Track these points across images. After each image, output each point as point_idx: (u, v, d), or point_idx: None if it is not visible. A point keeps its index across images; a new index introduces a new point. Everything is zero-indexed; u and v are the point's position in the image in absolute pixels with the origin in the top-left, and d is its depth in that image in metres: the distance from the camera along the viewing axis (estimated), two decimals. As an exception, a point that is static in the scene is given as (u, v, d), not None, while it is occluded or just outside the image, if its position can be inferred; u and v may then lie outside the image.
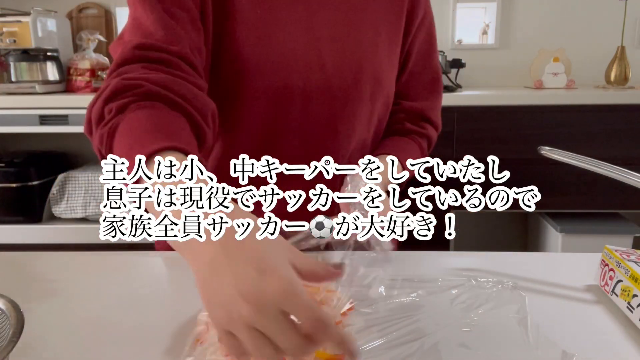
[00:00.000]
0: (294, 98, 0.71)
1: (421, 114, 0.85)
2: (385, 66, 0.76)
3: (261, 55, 0.68)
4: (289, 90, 0.70)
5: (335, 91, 0.72)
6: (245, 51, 0.67)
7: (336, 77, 0.71)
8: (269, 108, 0.71)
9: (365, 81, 0.73)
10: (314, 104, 0.72)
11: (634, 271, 0.53)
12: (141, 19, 0.59)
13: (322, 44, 0.70)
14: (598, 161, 0.59)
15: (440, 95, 0.88)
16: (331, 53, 0.71)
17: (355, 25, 0.72)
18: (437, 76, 0.86)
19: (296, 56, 0.69)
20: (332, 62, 0.71)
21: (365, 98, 0.74)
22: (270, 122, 0.72)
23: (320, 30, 0.70)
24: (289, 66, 0.69)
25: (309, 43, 0.70)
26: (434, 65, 0.85)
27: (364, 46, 0.73)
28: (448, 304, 0.57)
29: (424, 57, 0.83)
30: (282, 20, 0.69)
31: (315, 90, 0.71)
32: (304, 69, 0.70)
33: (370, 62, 0.73)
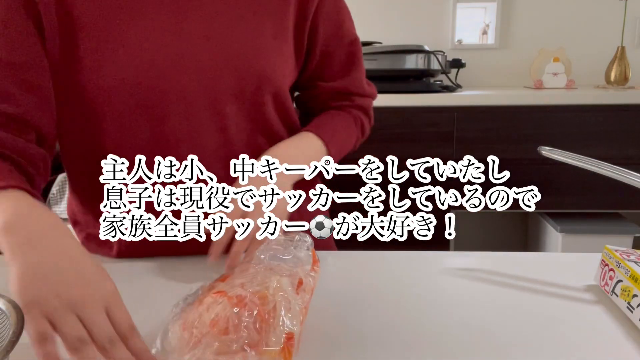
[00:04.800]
0: (170, 105, 0.67)
1: (343, 91, 0.82)
2: (272, 59, 0.72)
3: (123, 68, 0.64)
4: (165, 98, 0.67)
5: (216, 91, 0.69)
6: (105, 69, 0.64)
7: (215, 75, 0.68)
8: (142, 121, 0.67)
9: (249, 76, 0.70)
10: (195, 107, 0.68)
11: (634, 271, 0.53)
12: None
13: (195, 45, 0.67)
14: (598, 161, 0.59)
15: (360, 65, 0.83)
16: (207, 53, 0.68)
17: (232, 22, 0.69)
18: (353, 49, 0.81)
19: (167, 62, 0.66)
20: (209, 62, 0.68)
21: (249, 93, 0.71)
22: (149, 135, 0.68)
23: (192, 32, 0.67)
24: (160, 74, 0.66)
25: (180, 47, 0.66)
26: (347, 38, 0.80)
27: (243, 41, 0.70)
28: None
29: (334, 35, 0.79)
30: (141, 30, 0.65)
31: (194, 92, 0.68)
32: (178, 73, 0.66)
33: (253, 56, 0.70)
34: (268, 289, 0.46)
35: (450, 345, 0.49)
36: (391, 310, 0.56)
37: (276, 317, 0.44)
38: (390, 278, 0.65)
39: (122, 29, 0.64)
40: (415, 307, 0.57)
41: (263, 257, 0.54)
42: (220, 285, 0.48)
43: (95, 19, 0.64)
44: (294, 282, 0.49)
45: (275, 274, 0.49)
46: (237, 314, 0.43)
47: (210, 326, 0.43)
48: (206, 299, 0.46)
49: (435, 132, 1.86)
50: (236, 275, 0.51)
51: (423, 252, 0.73)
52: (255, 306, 0.44)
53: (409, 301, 0.58)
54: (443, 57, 2.01)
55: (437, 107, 1.84)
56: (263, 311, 0.44)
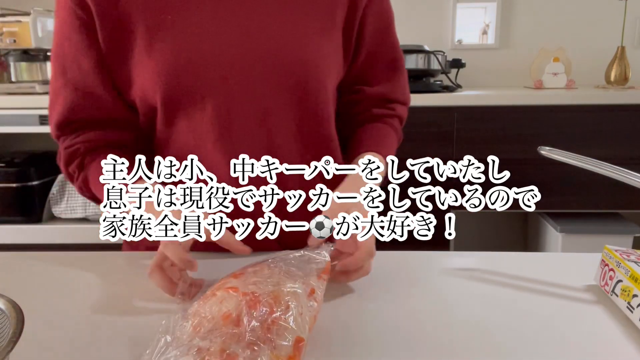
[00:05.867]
0: (209, 96, 0.69)
1: (386, 98, 0.82)
2: (315, 53, 0.72)
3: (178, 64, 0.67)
4: (205, 88, 0.68)
5: (255, 84, 0.69)
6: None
7: (254, 68, 0.69)
8: (181, 115, 0.70)
9: (288, 70, 0.70)
10: (234, 100, 0.69)
11: (634, 271, 0.53)
12: (56, 92, 0.73)
13: (237, 37, 0.68)
14: (598, 161, 0.59)
15: (402, 73, 0.85)
16: (248, 45, 0.68)
17: (276, 16, 0.70)
18: (396, 55, 0.83)
19: (208, 54, 0.68)
20: (249, 55, 0.68)
21: (288, 87, 0.71)
22: (193, 127, 0.71)
23: (236, 26, 0.68)
24: (202, 65, 0.67)
25: (222, 39, 0.68)
26: (391, 43, 0.82)
27: (285, 35, 0.70)
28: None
29: (379, 38, 0.79)
30: (188, 23, 0.67)
31: (234, 85, 0.69)
32: (219, 65, 0.68)
33: (294, 50, 0.70)
34: (282, 291, 0.47)
35: (450, 345, 0.49)
36: (391, 310, 0.56)
37: (287, 319, 0.44)
38: (391, 278, 0.65)
39: (172, 22, 0.67)
40: (415, 307, 0.57)
41: (279, 262, 0.54)
42: (233, 282, 0.49)
43: (146, 14, 0.67)
44: (306, 289, 0.49)
45: (290, 278, 0.50)
46: (249, 310, 0.43)
47: (222, 318, 0.43)
48: (219, 293, 0.46)
49: (435, 132, 1.86)
50: (250, 274, 0.51)
51: (423, 252, 0.73)
52: (268, 305, 0.44)
53: (409, 301, 0.58)
54: (443, 57, 2.01)
55: (437, 107, 1.84)
56: (275, 311, 0.44)
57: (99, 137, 0.73)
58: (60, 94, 0.72)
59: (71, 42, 0.69)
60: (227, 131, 0.70)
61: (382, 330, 0.52)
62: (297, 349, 0.42)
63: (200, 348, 0.40)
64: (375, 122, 0.82)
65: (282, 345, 0.42)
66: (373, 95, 0.82)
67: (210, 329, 0.42)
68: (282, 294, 0.46)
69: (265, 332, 0.42)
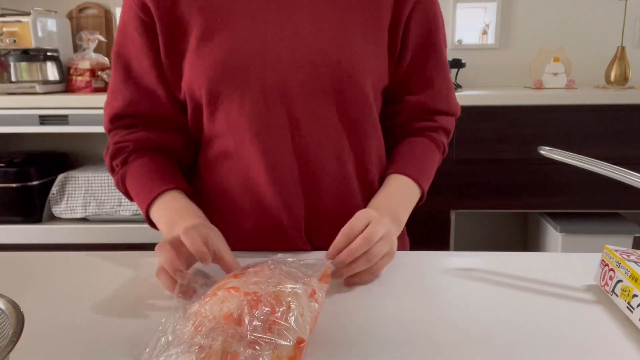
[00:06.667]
0: (248, 95, 0.70)
1: (426, 107, 0.80)
2: (355, 57, 0.71)
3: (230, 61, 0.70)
4: (245, 88, 0.70)
5: (290, 86, 0.70)
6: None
7: (291, 70, 0.69)
8: (220, 115, 0.73)
9: (325, 73, 0.70)
10: (270, 100, 0.70)
11: (634, 271, 0.53)
12: (114, 88, 0.78)
13: (278, 40, 0.69)
14: (598, 161, 0.59)
15: (448, 78, 0.82)
16: (288, 47, 0.69)
17: (317, 19, 0.70)
18: (440, 61, 0.80)
19: (249, 55, 0.69)
20: (287, 56, 0.69)
21: (323, 90, 0.71)
22: (234, 125, 0.73)
23: (277, 28, 0.69)
24: (242, 66, 0.69)
25: (264, 41, 0.69)
26: (439, 46, 0.79)
27: (326, 38, 0.70)
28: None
29: (426, 41, 0.77)
30: (234, 25, 0.70)
31: (271, 85, 0.70)
32: (258, 67, 0.69)
33: (333, 53, 0.70)
34: (283, 291, 0.47)
35: (450, 345, 0.49)
36: (391, 310, 0.56)
37: (289, 320, 0.44)
38: (391, 278, 0.65)
39: (222, 24, 0.70)
40: (415, 307, 0.57)
41: (279, 263, 0.54)
42: (234, 282, 0.49)
43: (200, 17, 0.71)
44: (307, 290, 0.49)
45: (291, 279, 0.50)
46: (251, 310, 0.43)
47: (223, 318, 0.43)
48: (221, 293, 0.46)
49: (435, 132, 1.86)
50: (251, 274, 0.51)
51: (423, 252, 0.73)
52: (269, 305, 0.44)
53: (409, 301, 0.58)
54: (443, 57, 2.01)
55: (437, 107, 1.84)
56: (277, 311, 0.44)
57: (149, 138, 0.77)
58: (120, 89, 0.77)
59: (134, 43, 0.74)
60: (264, 130, 0.71)
61: (382, 331, 0.52)
62: (298, 350, 0.42)
63: (202, 346, 0.40)
64: (416, 136, 0.81)
65: (283, 345, 0.42)
66: (414, 104, 0.80)
67: (212, 328, 0.42)
68: (284, 295, 0.46)
69: (267, 331, 0.42)
